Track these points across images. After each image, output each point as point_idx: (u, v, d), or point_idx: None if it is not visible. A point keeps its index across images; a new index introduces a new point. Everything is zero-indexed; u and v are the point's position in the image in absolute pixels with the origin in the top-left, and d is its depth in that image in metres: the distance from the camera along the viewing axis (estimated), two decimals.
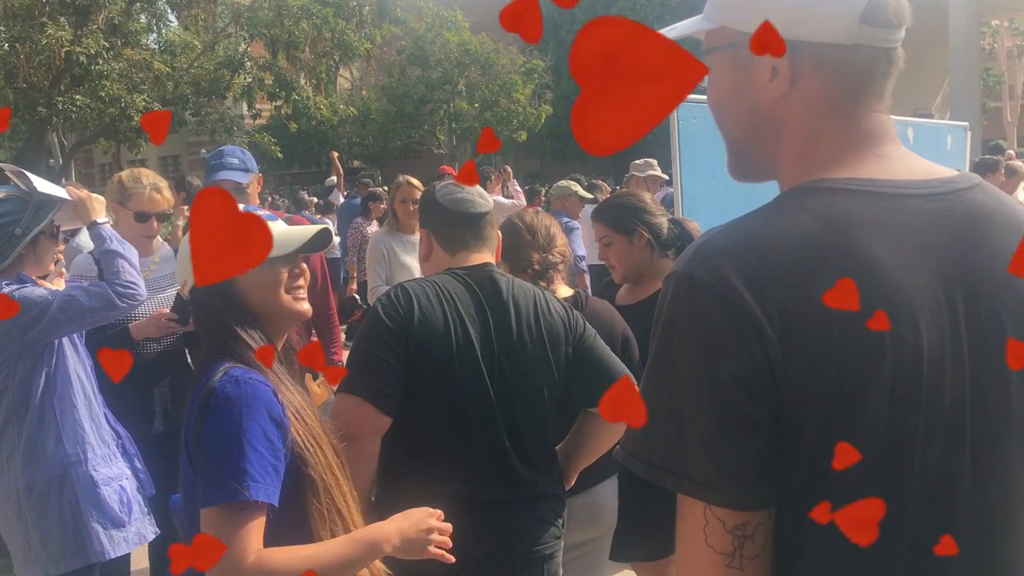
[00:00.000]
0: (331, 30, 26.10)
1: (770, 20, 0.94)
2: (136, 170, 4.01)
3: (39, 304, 2.95)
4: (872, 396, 1.01)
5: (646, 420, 0.89)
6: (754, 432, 1.00)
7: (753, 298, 1.00)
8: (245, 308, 1.85)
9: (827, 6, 1.08)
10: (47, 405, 3.04)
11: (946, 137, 7.23)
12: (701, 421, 1.01)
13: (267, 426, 1.69)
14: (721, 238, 1.06)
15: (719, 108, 1.20)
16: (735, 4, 1.13)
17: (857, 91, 1.12)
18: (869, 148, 1.14)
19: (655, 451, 1.04)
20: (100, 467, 3.11)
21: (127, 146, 23.71)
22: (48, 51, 19.85)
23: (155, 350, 3.83)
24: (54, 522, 3.01)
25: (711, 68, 1.17)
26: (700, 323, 1.02)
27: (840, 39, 1.09)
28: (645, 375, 1.08)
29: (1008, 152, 11.36)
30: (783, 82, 1.11)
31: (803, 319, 1.00)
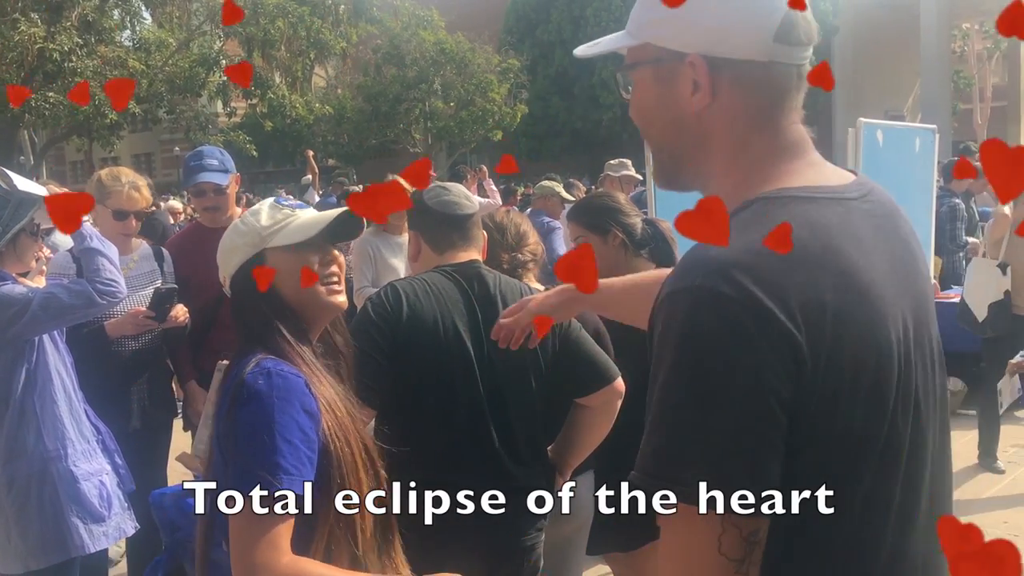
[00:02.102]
0: (307, 28, 26.09)
1: (692, 38, 1.08)
2: (115, 169, 4.03)
3: (20, 301, 2.98)
4: (863, 390, 1.09)
5: (669, 437, 1.02)
6: (780, 440, 1.05)
7: (780, 310, 1.04)
8: (280, 299, 1.82)
9: (744, 26, 1.16)
10: (28, 401, 3.06)
11: (914, 140, 7.35)
12: (742, 437, 1.03)
13: (300, 418, 1.66)
14: (727, 250, 1.03)
15: (643, 119, 1.27)
16: (659, 22, 1.19)
17: (775, 104, 1.20)
18: (800, 157, 1.22)
19: (685, 469, 1.03)
20: (80, 462, 3.14)
21: (100, 143, 23.56)
22: (21, 47, 19.72)
23: (132, 348, 3.86)
24: (34, 517, 3.04)
25: (635, 82, 1.26)
26: (731, 338, 1.03)
27: (756, 56, 1.17)
28: (666, 390, 1.07)
29: (975, 154, 11.53)
30: (704, 95, 1.18)
31: (820, 327, 1.05)
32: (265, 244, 1.84)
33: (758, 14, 1.16)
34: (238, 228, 1.90)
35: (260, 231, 1.85)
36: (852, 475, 1.10)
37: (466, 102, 31.45)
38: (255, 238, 1.85)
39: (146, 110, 24.19)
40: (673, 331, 1.07)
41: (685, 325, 1.05)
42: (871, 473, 1.11)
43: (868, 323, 1.10)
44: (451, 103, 31.98)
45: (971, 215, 8.42)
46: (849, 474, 1.10)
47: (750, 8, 1.16)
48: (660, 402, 1.07)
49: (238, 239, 1.88)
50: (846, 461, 1.09)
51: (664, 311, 1.10)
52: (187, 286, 4.01)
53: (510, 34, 34.02)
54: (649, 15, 1.22)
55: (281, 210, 1.88)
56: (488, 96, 31.29)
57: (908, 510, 1.16)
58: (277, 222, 1.85)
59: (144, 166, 44.68)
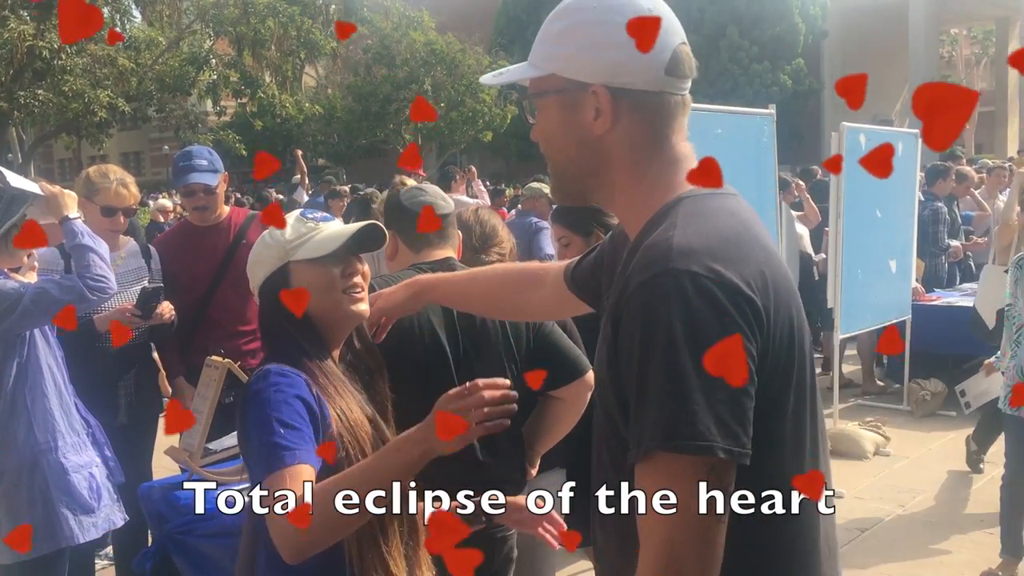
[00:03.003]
0: (297, 28, 26.09)
1: (595, 71, 1.26)
2: (103, 166, 4.07)
3: (11, 296, 3.02)
4: (794, 342, 1.30)
5: (685, 408, 1.15)
6: (754, 392, 1.22)
7: (742, 283, 1.22)
8: (304, 313, 1.85)
9: (641, 61, 1.32)
10: (19, 394, 3.11)
11: (897, 143, 7.44)
12: (736, 398, 1.18)
13: (295, 403, 1.71)
14: (693, 239, 1.25)
15: (548, 142, 1.43)
16: (564, 56, 1.36)
17: (666, 126, 1.39)
18: (689, 168, 1.39)
19: (696, 429, 1.16)
20: (70, 455, 3.18)
21: (89, 141, 23.52)
22: (10, 45, 19.68)
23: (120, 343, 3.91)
24: (24, 508, 3.08)
25: (540, 110, 1.43)
26: (712, 313, 1.19)
27: (651, 87, 1.35)
28: (667, 364, 1.18)
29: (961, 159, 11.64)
30: (606, 120, 1.35)
31: (766, 292, 1.26)
32: (289, 257, 1.88)
33: (652, 51, 1.31)
34: (265, 241, 1.93)
35: (284, 244, 1.88)
36: (784, 412, 1.30)
37: (456, 103, 31.51)
38: (280, 251, 1.89)
39: (135, 108, 24.17)
40: (660, 311, 1.20)
41: (673, 305, 1.19)
42: (796, 412, 1.31)
43: (788, 287, 1.32)
44: (441, 104, 32.02)
45: (954, 219, 8.50)
46: (783, 412, 1.29)
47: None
48: (663, 375, 1.18)
49: (264, 252, 1.92)
50: (782, 402, 1.29)
51: (642, 296, 1.23)
52: (175, 283, 4.06)
53: (500, 35, 34.07)
54: (554, 49, 1.37)
55: (306, 223, 1.91)
56: (478, 97, 31.35)
57: (816, 441, 1.37)
58: (301, 235, 1.89)
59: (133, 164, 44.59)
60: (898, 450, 6.46)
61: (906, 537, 4.99)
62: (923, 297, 7.68)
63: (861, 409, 7.54)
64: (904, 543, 4.92)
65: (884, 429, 6.63)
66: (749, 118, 5.70)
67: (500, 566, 2.59)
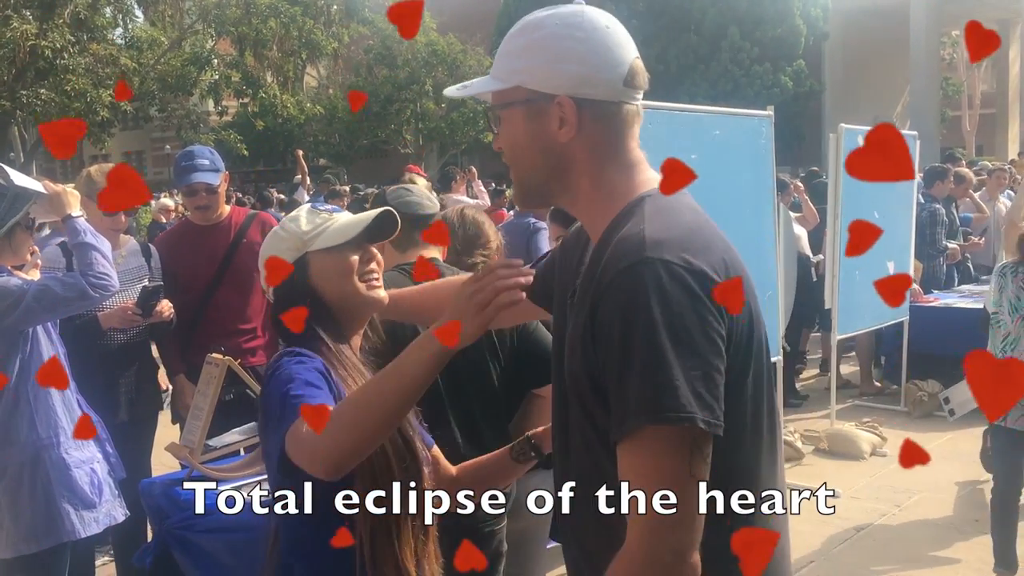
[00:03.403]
0: (299, 29, 26.10)
1: (560, 83, 1.37)
2: (104, 165, 4.12)
3: (15, 293, 3.06)
4: (753, 327, 1.41)
5: (667, 385, 1.25)
6: (724, 369, 1.33)
7: (710, 269, 1.33)
8: (321, 301, 1.89)
9: (602, 73, 1.44)
10: (21, 390, 3.15)
11: None
12: (709, 375, 1.29)
13: (315, 374, 1.73)
14: (663, 232, 1.35)
15: (514, 150, 1.53)
16: (530, 69, 1.46)
17: (623, 133, 1.50)
18: (646, 171, 1.53)
19: (679, 403, 1.26)
20: (72, 450, 3.22)
21: (91, 141, 23.55)
22: (12, 44, 19.71)
23: (121, 341, 3.96)
24: (26, 503, 3.12)
25: (505, 119, 1.51)
26: (686, 297, 1.30)
27: (611, 97, 1.46)
28: (647, 343, 1.28)
29: (960, 160, 11.67)
30: (571, 129, 1.45)
31: (729, 277, 1.35)
32: (308, 248, 1.91)
33: (612, 64, 1.45)
34: (278, 235, 1.96)
35: (301, 235, 1.92)
36: (744, 395, 1.39)
37: (457, 103, 31.50)
38: (297, 243, 1.92)
39: (137, 108, 24.22)
40: (638, 297, 1.30)
41: (650, 290, 1.29)
42: (755, 398, 1.41)
43: (746, 277, 1.42)
44: (442, 104, 32.04)
45: (952, 220, 8.52)
46: (744, 395, 1.39)
47: (606, 60, 1.45)
48: (645, 355, 1.28)
49: (279, 245, 1.95)
50: (742, 384, 1.39)
51: (621, 284, 1.32)
52: (176, 282, 4.10)
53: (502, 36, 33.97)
54: (519, 63, 1.48)
55: (319, 214, 1.96)
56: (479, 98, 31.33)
57: (773, 432, 1.48)
58: (317, 226, 1.92)
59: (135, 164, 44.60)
60: (895, 451, 6.45)
61: (901, 537, 5.02)
62: (921, 298, 7.71)
63: (858, 410, 7.57)
64: (899, 543, 4.95)
65: (881, 430, 6.66)
66: (747, 119, 5.72)
67: (490, 560, 2.61)
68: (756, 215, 5.59)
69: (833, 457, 6.40)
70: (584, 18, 1.46)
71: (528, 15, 1.52)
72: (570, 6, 1.50)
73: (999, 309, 4.40)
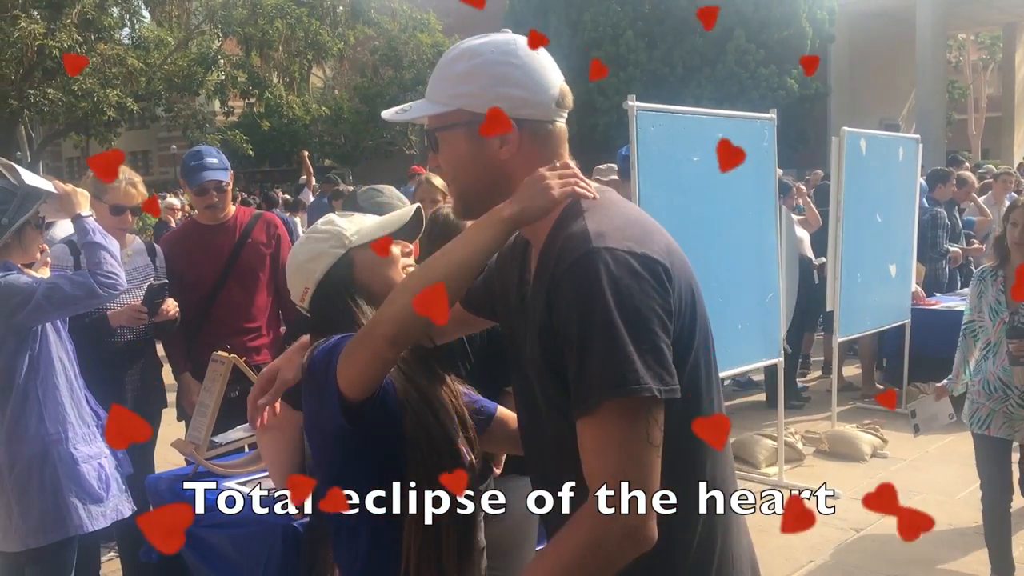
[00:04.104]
0: (305, 29, 26.13)
1: (500, 105, 1.47)
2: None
3: (24, 291, 3.11)
4: (699, 322, 1.52)
5: (624, 361, 1.36)
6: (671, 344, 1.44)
7: (654, 253, 1.45)
8: (367, 293, 1.97)
9: (538, 96, 1.59)
10: (30, 386, 3.20)
11: (898, 149, 7.50)
12: (658, 347, 1.40)
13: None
14: (604, 225, 1.48)
15: (456, 168, 1.65)
16: (472, 94, 1.58)
17: (557, 149, 1.64)
18: None
19: (644, 378, 1.37)
20: (80, 446, 3.27)
21: (97, 140, 23.61)
22: (20, 44, 19.77)
23: (127, 338, 4.01)
24: (35, 497, 3.17)
25: (446, 140, 1.63)
26: (634, 280, 1.41)
27: (546, 117, 1.61)
28: (604, 324, 1.38)
29: (964, 164, 11.69)
30: (512, 147, 1.58)
31: (672, 259, 1.48)
32: (351, 244, 1.99)
33: (546, 87, 1.59)
34: (315, 238, 2.02)
35: (342, 232, 1.99)
36: (698, 364, 1.51)
37: None
38: (339, 240, 1.99)
39: (144, 108, 24.28)
40: (591, 284, 1.41)
41: (601, 276, 1.40)
42: (706, 367, 1.54)
43: (683, 259, 1.54)
44: None
45: (954, 224, 8.54)
46: (697, 363, 1.51)
47: (540, 83, 1.59)
48: (601, 336, 1.39)
49: (321, 245, 2.01)
50: (691, 353, 1.50)
51: (573, 274, 1.43)
52: (182, 282, 4.14)
53: None
54: (461, 88, 1.59)
55: (351, 217, 2.06)
56: None
57: (721, 403, 1.61)
58: (355, 223, 2.02)
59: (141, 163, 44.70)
60: (895, 452, 6.51)
61: (901, 539, 5.04)
62: (923, 301, 7.73)
63: (859, 412, 7.59)
64: (898, 544, 4.97)
65: (882, 432, 6.69)
66: (750, 122, 5.76)
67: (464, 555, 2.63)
68: (758, 218, 5.62)
69: (834, 459, 6.44)
70: (518, 46, 1.60)
71: (462, 43, 1.64)
72: (502, 35, 1.63)
73: (978, 315, 4.35)
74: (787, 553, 4.83)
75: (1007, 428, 4.18)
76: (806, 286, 7.56)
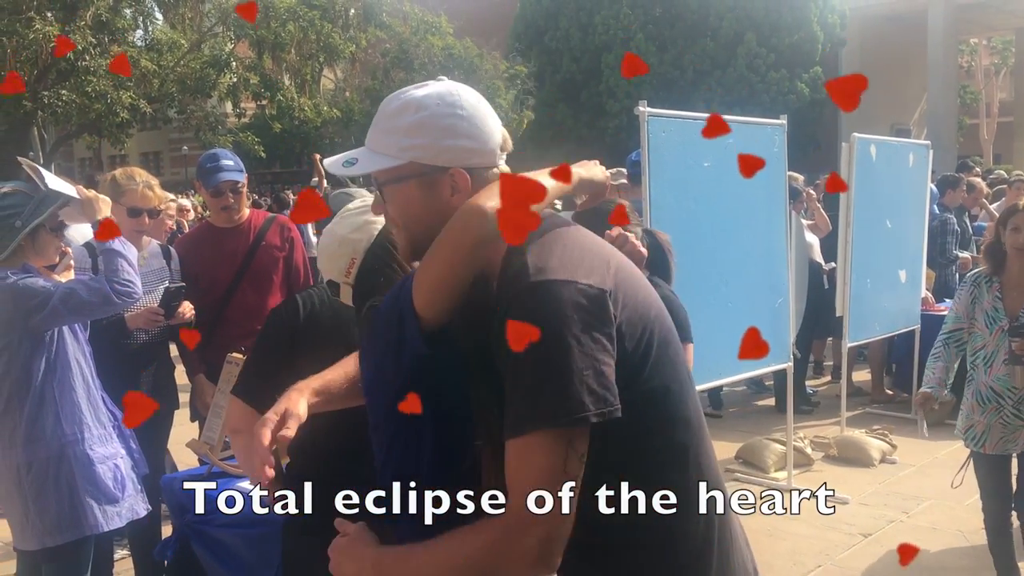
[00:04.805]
0: (317, 32, 26.23)
1: (451, 157, 1.61)
2: (130, 168, 4.22)
3: (41, 294, 3.15)
4: (656, 337, 1.55)
5: (548, 393, 1.40)
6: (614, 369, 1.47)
7: (595, 283, 1.47)
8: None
9: (486, 144, 1.65)
10: (47, 388, 3.24)
11: (908, 155, 7.50)
12: (602, 371, 1.43)
13: None
14: (540, 259, 1.50)
15: (409, 218, 1.68)
16: (422, 146, 1.62)
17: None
18: None
19: (568, 408, 1.40)
20: (96, 447, 3.31)
21: (110, 141, 23.75)
22: (35, 46, 19.90)
23: (142, 340, 4.06)
24: (51, 497, 3.21)
25: (397, 192, 1.66)
26: (575, 310, 1.44)
27: (492, 164, 1.67)
28: (535, 358, 1.41)
29: (975, 169, 11.66)
30: (463, 195, 1.62)
31: (617, 284, 1.52)
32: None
33: (490, 136, 1.66)
34: (352, 212, 2.16)
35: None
36: (654, 372, 1.54)
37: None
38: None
39: (156, 110, 24.41)
40: (531, 315, 1.43)
41: (536, 309, 1.44)
42: (673, 372, 1.57)
43: (632, 272, 1.59)
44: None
45: (963, 229, 8.54)
46: (655, 371, 1.54)
47: (486, 133, 1.66)
48: (534, 366, 1.42)
49: (361, 217, 2.13)
50: (647, 364, 1.53)
51: (513, 309, 1.46)
52: (196, 284, 4.19)
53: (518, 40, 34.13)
54: (410, 141, 1.63)
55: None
56: (495, 102, 31.40)
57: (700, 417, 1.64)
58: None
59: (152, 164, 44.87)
60: (904, 458, 6.52)
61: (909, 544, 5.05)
62: (933, 307, 7.74)
63: (869, 417, 7.60)
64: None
65: (891, 437, 6.70)
66: (760, 128, 5.78)
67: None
68: (768, 223, 5.64)
69: (842, 464, 6.45)
70: (460, 96, 1.66)
71: (401, 95, 1.69)
72: (440, 85, 1.69)
73: (969, 323, 4.22)
74: (795, 558, 4.85)
75: (1003, 444, 4.13)
76: (816, 291, 7.57)
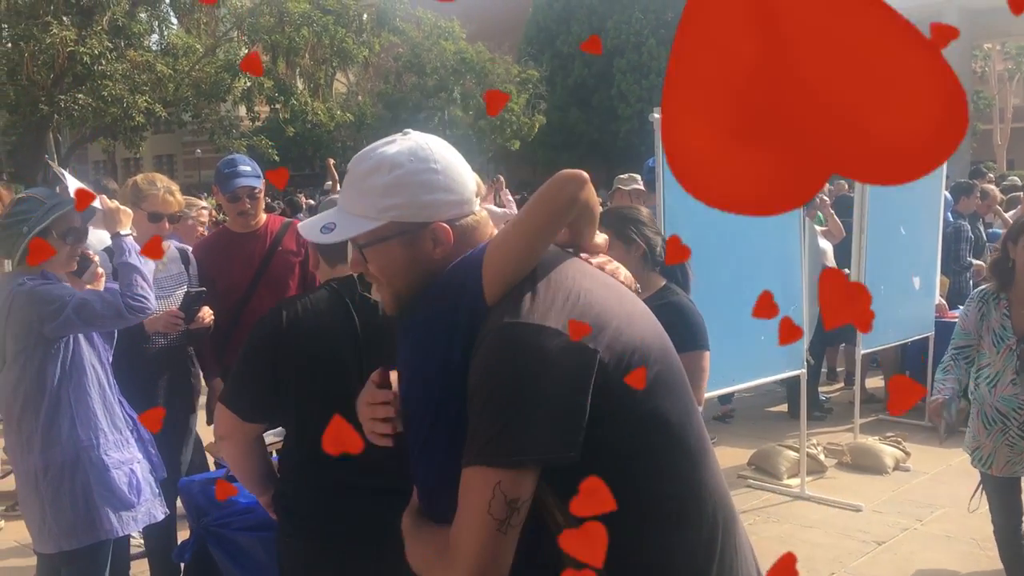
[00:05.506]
0: (331, 37, 26.32)
1: (432, 213, 1.63)
2: (151, 174, 4.26)
3: (57, 301, 3.17)
4: (650, 361, 1.56)
5: (497, 431, 1.43)
6: (586, 410, 1.48)
7: (561, 327, 1.49)
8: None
9: (462, 197, 1.67)
10: (63, 393, 3.26)
11: None
12: (560, 418, 1.46)
13: None
14: (520, 302, 1.52)
15: (392, 276, 1.68)
16: (401, 205, 1.63)
17: (483, 235, 1.70)
18: None
19: (520, 448, 1.43)
20: (111, 452, 3.33)
21: (125, 144, 23.88)
22: (52, 50, 20.04)
23: (161, 344, 4.09)
24: (67, 501, 3.23)
25: (378, 252, 1.67)
26: (536, 354, 1.46)
27: (469, 212, 1.68)
28: (489, 399, 1.46)
29: (988, 175, 11.63)
30: (446, 247, 1.65)
31: (609, 329, 1.53)
32: None
33: (465, 186, 1.68)
34: None
35: None
36: (644, 394, 1.54)
37: (484, 111, 31.65)
38: None
39: (171, 114, 24.54)
40: (494, 357, 1.48)
41: (504, 351, 1.48)
42: (669, 396, 1.58)
43: (612, 303, 1.60)
44: (470, 112, 32.16)
45: (977, 236, 8.52)
46: (645, 395, 1.54)
47: (460, 184, 1.67)
48: (483, 407, 1.46)
49: None
50: (640, 401, 1.53)
51: (483, 350, 1.50)
52: (214, 288, 4.22)
53: (530, 45, 34.20)
54: (388, 201, 1.63)
55: None
56: (507, 106, 31.46)
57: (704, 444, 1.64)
58: None
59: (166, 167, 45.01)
60: (918, 465, 6.50)
61: (922, 551, 5.05)
62: (947, 314, 7.71)
63: (882, 424, 7.58)
64: (920, 558, 4.98)
65: (904, 444, 6.68)
66: None
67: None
68: (781, 229, 5.64)
69: (856, 471, 6.44)
70: (432, 150, 1.66)
71: (371, 153, 1.69)
72: (408, 139, 1.69)
73: (979, 339, 4.09)
74: (809, 565, 4.85)
75: (1010, 467, 4.08)
76: None
